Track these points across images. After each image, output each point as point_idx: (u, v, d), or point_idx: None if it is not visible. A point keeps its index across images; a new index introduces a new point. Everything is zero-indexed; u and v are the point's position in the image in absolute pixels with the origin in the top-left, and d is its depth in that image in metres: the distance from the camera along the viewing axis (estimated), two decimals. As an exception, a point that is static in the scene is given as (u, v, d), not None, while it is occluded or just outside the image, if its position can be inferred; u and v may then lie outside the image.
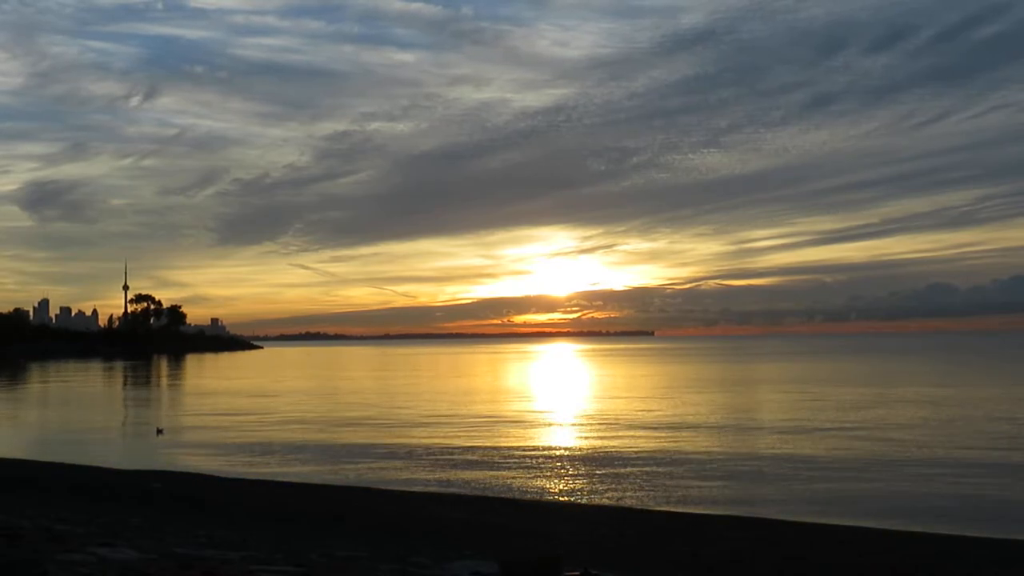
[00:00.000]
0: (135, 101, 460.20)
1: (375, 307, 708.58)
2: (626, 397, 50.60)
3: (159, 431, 34.08)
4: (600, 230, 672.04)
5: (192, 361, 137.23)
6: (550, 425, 35.94)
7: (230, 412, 43.52)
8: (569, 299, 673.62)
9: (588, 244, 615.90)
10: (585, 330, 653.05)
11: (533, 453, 27.03)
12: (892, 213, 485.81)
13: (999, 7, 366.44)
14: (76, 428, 38.26)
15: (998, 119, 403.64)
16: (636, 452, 26.81)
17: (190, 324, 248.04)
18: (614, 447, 27.93)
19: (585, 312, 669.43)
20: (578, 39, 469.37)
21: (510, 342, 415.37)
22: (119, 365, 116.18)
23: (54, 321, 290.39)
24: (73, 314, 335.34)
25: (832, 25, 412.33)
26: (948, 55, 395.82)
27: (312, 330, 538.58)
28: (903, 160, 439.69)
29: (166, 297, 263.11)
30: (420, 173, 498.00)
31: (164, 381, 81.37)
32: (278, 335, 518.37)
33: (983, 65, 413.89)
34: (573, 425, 35.86)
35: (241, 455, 27.59)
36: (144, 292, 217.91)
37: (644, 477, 22.36)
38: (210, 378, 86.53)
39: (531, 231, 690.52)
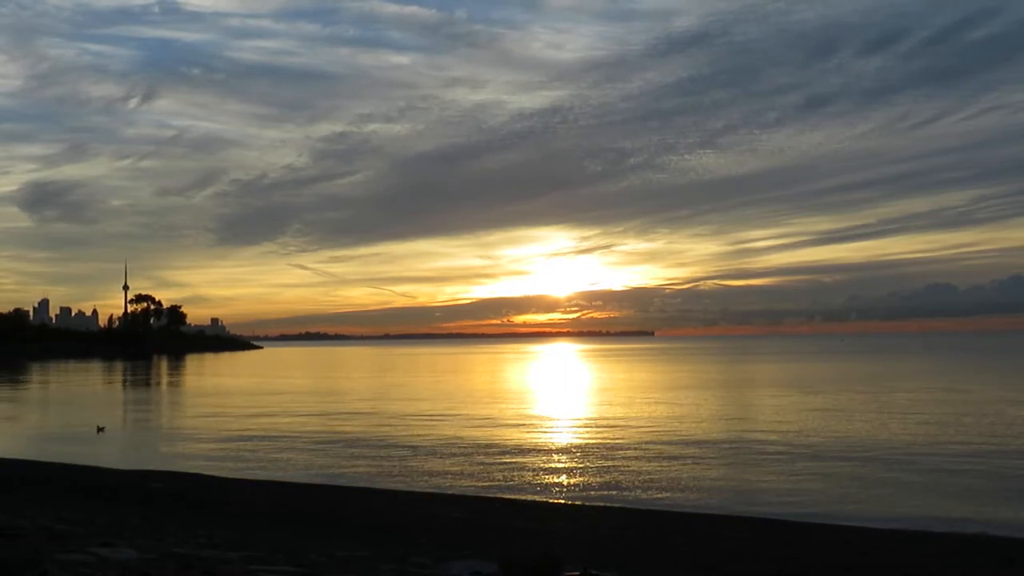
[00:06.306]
0: (133, 103, 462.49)
1: (375, 307, 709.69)
2: (626, 397, 50.56)
3: (100, 429, 34.17)
4: (598, 230, 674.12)
5: (192, 361, 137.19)
6: (550, 425, 35.92)
7: (228, 412, 43.48)
8: (568, 299, 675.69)
9: (586, 244, 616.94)
10: (585, 330, 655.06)
11: (533, 452, 27.03)
12: (890, 213, 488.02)
13: (990, 10, 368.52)
14: (25, 426, 38.72)
15: (993, 120, 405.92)
16: (636, 451, 26.80)
17: (190, 324, 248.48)
18: (614, 447, 27.92)
19: (585, 312, 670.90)
20: (572, 42, 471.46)
21: (510, 342, 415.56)
22: (118, 365, 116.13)
23: (54, 321, 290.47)
24: (73, 314, 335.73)
25: (824, 28, 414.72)
26: (941, 57, 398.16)
27: (312, 330, 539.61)
28: (899, 161, 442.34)
29: (166, 297, 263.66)
30: (418, 174, 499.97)
31: (163, 381, 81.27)
32: (278, 335, 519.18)
33: (976, 67, 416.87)
34: (573, 424, 35.85)
35: (239, 454, 27.58)
36: (144, 292, 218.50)
37: (644, 477, 22.36)
38: (210, 378, 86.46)
39: (529, 231, 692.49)
